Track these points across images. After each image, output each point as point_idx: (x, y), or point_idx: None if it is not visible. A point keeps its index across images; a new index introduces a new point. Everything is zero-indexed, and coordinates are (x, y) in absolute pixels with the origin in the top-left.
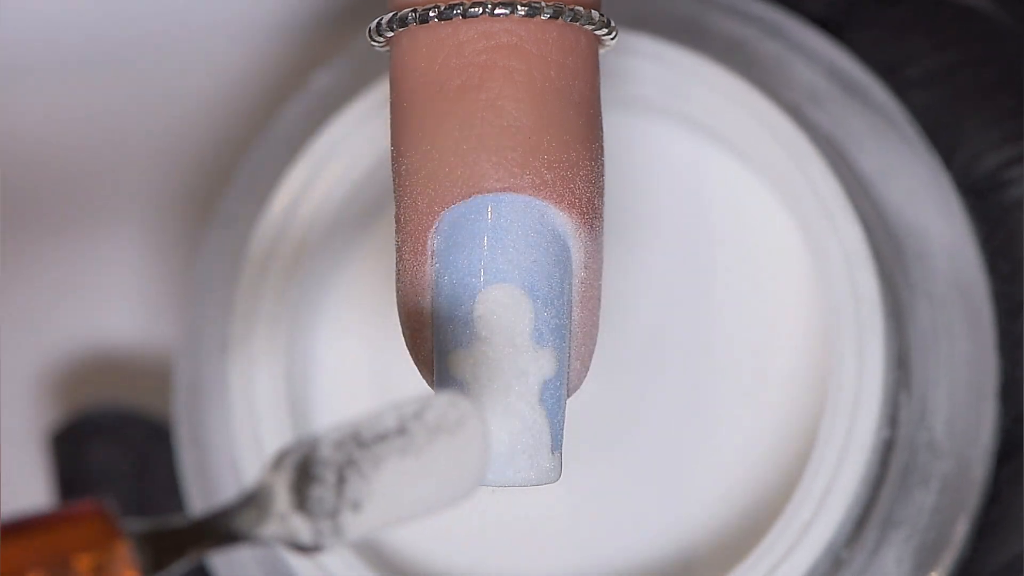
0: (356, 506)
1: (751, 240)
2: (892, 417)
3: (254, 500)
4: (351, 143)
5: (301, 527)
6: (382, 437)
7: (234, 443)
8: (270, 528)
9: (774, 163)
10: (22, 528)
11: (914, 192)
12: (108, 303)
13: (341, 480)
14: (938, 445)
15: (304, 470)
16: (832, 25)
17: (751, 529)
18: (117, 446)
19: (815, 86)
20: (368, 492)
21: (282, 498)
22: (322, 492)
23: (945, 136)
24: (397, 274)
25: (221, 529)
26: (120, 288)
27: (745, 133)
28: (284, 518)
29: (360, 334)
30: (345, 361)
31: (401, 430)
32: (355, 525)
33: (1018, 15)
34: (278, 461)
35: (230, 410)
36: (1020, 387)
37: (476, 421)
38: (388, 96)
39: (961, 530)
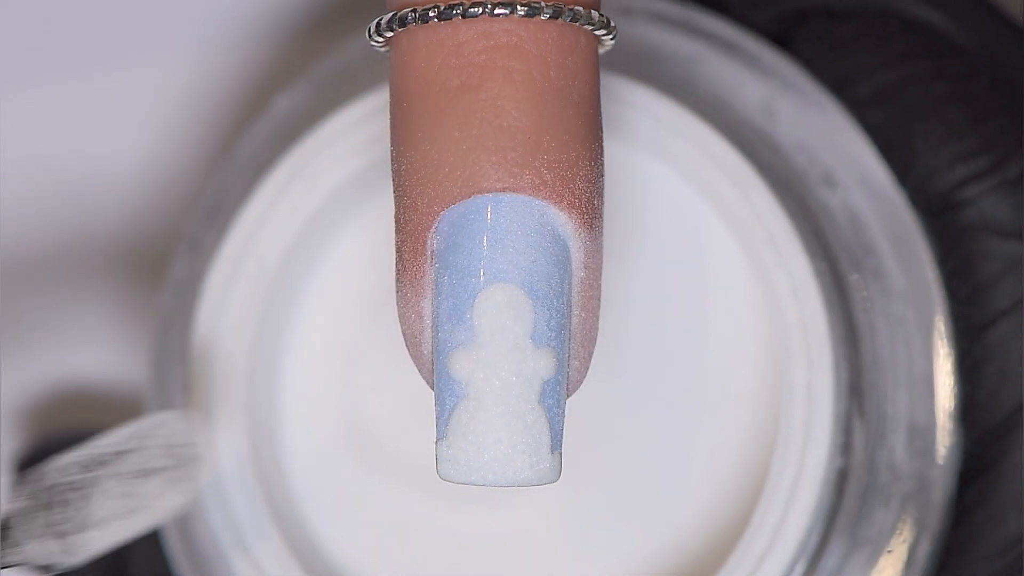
0: (83, 527)
1: (704, 273)
2: (845, 445)
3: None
4: (313, 168)
5: (36, 553)
6: (102, 461)
7: None
8: (10, 558)
9: (721, 193)
10: None
11: (871, 208)
12: (74, 332)
13: (66, 504)
14: (898, 466)
15: (38, 499)
16: (780, 40)
17: (704, 563)
18: None
19: (769, 101)
20: (91, 513)
21: (18, 529)
22: (50, 518)
23: (896, 156)
24: (397, 274)
25: None
26: (87, 317)
27: (692, 163)
28: (21, 546)
29: (324, 360)
30: (309, 388)
31: (121, 453)
32: (87, 543)
33: (968, 27)
34: (15, 495)
35: None
36: (981, 408)
37: (197, 441)
38: (351, 121)
39: (924, 551)
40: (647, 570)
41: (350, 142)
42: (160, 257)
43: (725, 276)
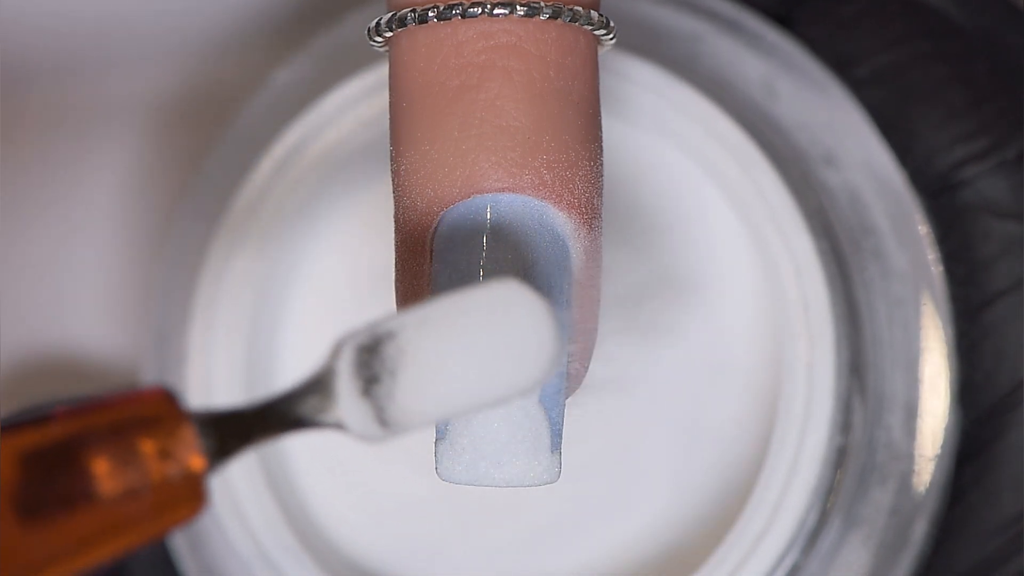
0: (413, 393)
1: (707, 250)
2: (845, 424)
3: (316, 386)
4: (313, 142)
5: (362, 414)
6: (430, 321)
7: None
8: (332, 414)
9: (724, 171)
10: (85, 407)
11: (871, 189)
12: (71, 300)
13: (395, 367)
14: (896, 445)
15: (361, 357)
16: (781, 20)
17: (704, 541)
18: None
19: (771, 80)
20: (422, 378)
21: (343, 384)
22: (379, 379)
23: (896, 137)
24: (396, 274)
25: (284, 415)
26: (84, 287)
27: (695, 141)
28: (345, 405)
29: (323, 332)
30: (307, 362)
31: (452, 314)
32: (413, 411)
33: (968, 9)
34: (337, 348)
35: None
36: (978, 389)
37: (532, 303)
38: (351, 96)
39: (920, 530)
40: (647, 546)
41: (350, 117)
42: (159, 228)
43: (727, 254)
